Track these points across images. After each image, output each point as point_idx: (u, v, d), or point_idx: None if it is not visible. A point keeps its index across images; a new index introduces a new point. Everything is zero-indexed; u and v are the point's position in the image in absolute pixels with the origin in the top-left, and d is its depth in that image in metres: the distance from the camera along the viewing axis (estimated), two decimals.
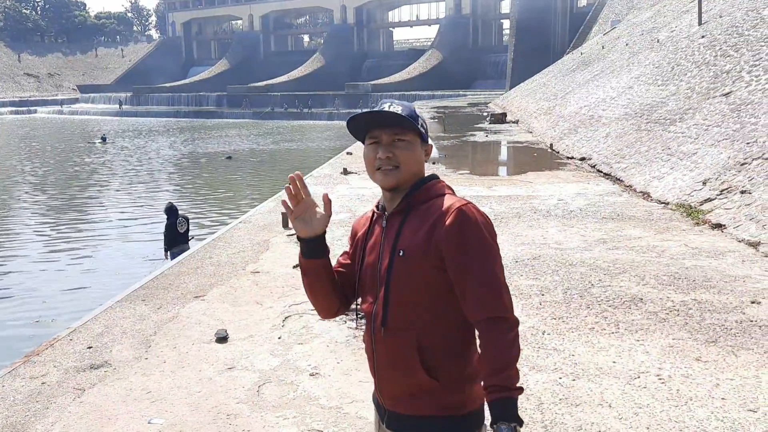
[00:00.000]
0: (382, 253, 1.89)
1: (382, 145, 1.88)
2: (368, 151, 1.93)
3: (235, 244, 8.32)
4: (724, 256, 6.93)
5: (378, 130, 1.90)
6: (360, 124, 1.93)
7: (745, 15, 15.42)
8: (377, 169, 1.89)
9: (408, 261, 1.82)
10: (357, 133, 1.98)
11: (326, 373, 4.50)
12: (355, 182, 13.03)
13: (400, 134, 1.88)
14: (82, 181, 22.70)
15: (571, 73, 28.05)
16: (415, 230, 1.84)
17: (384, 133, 1.88)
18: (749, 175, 8.81)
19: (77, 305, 9.19)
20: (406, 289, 1.83)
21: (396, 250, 1.84)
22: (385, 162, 1.87)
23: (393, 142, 1.88)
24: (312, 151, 31.08)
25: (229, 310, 5.85)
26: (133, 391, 4.33)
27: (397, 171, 1.87)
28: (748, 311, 5.29)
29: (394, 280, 1.84)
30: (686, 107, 12.99)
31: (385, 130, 1.88)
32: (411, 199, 1.89)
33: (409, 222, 1.87)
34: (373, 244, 1.95)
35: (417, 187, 1.91)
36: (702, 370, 4.29)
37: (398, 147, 1.87)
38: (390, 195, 1.93)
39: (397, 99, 2.08)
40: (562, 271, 6.63)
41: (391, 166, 1.87)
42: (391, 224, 1.91)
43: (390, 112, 1.86)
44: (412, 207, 1.88)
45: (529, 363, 4.49)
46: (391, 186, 1.89)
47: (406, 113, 1.87)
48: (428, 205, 1.87)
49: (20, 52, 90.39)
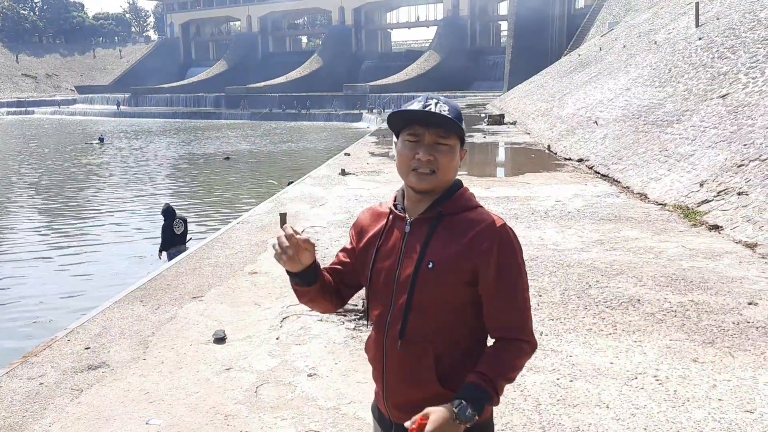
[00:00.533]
0: (403, 260, 1.79)
1: (424, 146, 1.76)
2: (406, 149, 1.79)
3: (233, 245, 8.32)
4: (721, 258, 6.95)
5: (422, 127, 1.76)
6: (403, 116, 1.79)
7: (742, 17, 15.46)
8: (413, 169, 1.77)
9: (437, 274, 1.74)
10: (394, 124, 1.84)
11: (324, 374, 4.51)
12: (353, 183, 13.04)
13: (444, 137, 1.76)
14: (80, 182, 22.67)
15: (568, 75, 28.09)
16: (447, 243, 1.76)
17: (428, 133, 1.76)
18: (746, 177, 8.84)
19: (75, 306, 9.18)
20: (432, 301, 1.76)
21: (423, 260, 1.76)
22: (424, 164, 1.75)
23: (435, 144, 1.76)
24: (310, 151, 31.08)
25: (227, 311, 5.85)
26: (131, 391, 4.33)
27: (433, 176, 1.76)
28: (745, 312, 5.31)
29: (419, 292, 1.76)
30: (683, 109, 13.01)
31: (430, 130, 1.76)
32: (442, 208, 1.80)
33: (440, 233, 1.78)
34: (390, 248, 1.84)
35: (448, 195, 1.81)
36: (699, 371, 4.30)
37: (440, 151, 1.76)
38: (417, 197, 1.82)
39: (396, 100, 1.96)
40: (559, 272, 6.64)
41: (428, 170, 1.76)
42: (416, 231, 1.80)
43: (442, 116, 1.73)
44: (443, 216, 1.79)
45: (526, 364, 4.49)
46: (425, 189, 1.79)
47: (453, 115, 1.75)
48: (461, 217, 1.78)
49: (18, 53, 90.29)
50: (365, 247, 1.91)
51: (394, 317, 1.80)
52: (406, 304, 1.78)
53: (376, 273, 1.85)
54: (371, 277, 1.87)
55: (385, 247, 1.85)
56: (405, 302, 1.78)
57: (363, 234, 1.94)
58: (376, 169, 15.30)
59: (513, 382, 1.79)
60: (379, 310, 1.85)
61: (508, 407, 3.91)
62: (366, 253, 1.90)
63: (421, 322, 1.77)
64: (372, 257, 1.87)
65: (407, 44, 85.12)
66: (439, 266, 1.74)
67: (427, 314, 1.77)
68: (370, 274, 1.87)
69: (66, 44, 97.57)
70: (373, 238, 1.89)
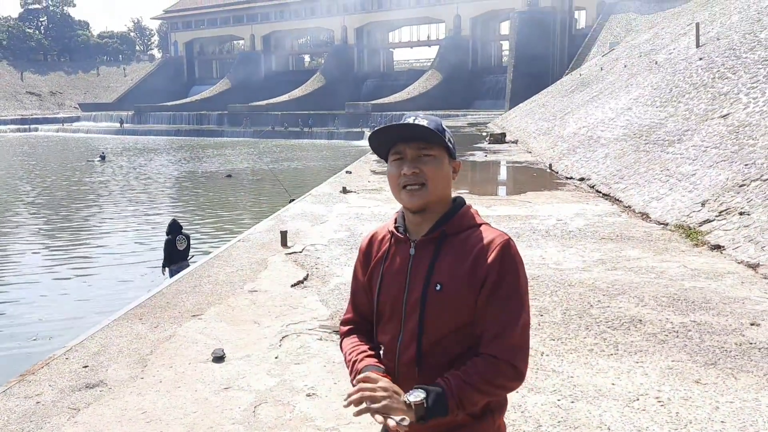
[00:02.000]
0: (410, 283, 1.76)
1: (407, 161, 1.76)
2: (392, 168, 1.80)
3: (234, 263, 8.30)
4: (723, 278, 6.92)
5: (402, 144, 1.77)
6: (383, 139, 1.80)
7: (742, 38, 15.54)
8: (402, 187, 1.76)
9: (446, 295, 1.70)
10: (379, 150, 1.85)
11: (323, 394, 4.47)
12: (354, 201, 13.05)
13: (426, 149, 1.76)
14: (80, 200, 22.70)
15: (570, 94, 28.20)
16: (453, 264, 1.72)
17: (408, 148, 1.76)
18: (748, 197, 8.82)
19: (75, 323, 9.15)
20: (442, 324, 1.72)
21: (430, 282, 1.72)
22: (410, 178, 1.74)
23: (419, 157, 1.75)
24: (312, 169, 31.15)
25: (226, 329, 5.82)
26: (128, 410, 4.29)
27: (423, 190, 1.74)
28: (748, 333, 5.27)
29: (429, 315, 1.72)
30: (685, 128, 13.04)
31: (410, 145, 1.76)
32: (446, 227, 1.76)
33: (445, 253, 1.74)
34: (396, 272, 1.80)
35: (451, 214, 1.79)
36: (701, 392, 4.26)
37: (424, 162, 1.75)
38: (418, 219, 1.79)
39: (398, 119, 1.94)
40: (560, 291, 6.61)
41: (417, 184, 1.74)
42: (421, 253, 1.77)
43: (415, 125, 1.73)
44: (447, 236, 1.76)
45: (527, 385, 4.46)
46: (418, 207, 1.76)
47: (433, 126, 1.75)
48: (465, 236, 1.75)
49: (23, 71, 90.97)
50: (371, 273, 1.88)
51: (404, 343, 1.76)
52: (418, 328, 1.74)
53: (382, 298, 1.82)
54: (378, 302, 1.83)
55: (391, 271, 1.82)
56: (417, 327, 1.74)
57: (368, 261, 1.91)
58: (377, 187, 15.31)
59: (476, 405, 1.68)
60: (389, 335, 1.82)
61: (509, 428, 3.86)
62: (372, 279, 1.87)
63: (434, 346, 1.73)
64: (378, 282, 1.84)
65: (409, 63, 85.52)
66: (447, 287, 1.71)
67: (439, 338, 1.73)
68: (377, 299, 1.84)
69: (70, 62, 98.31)
70: (378, 262, 1.86)
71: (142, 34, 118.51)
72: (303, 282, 7.30)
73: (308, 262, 8.16)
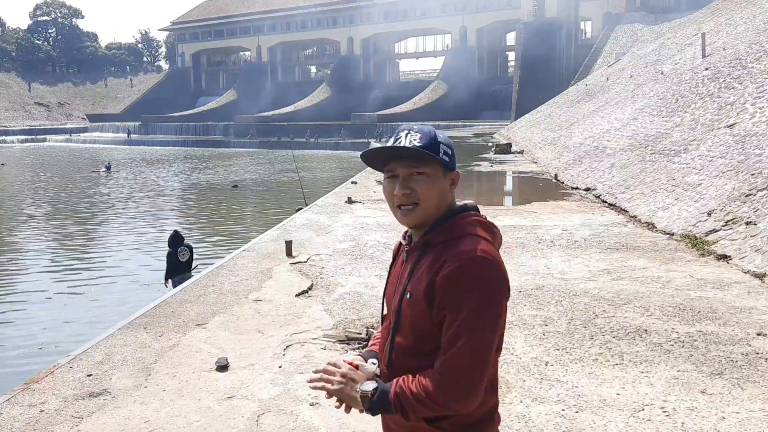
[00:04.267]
0: (397, 289, 1.80)
1: (400, 180, 1.73)
2: (386, 185, 1.78)
3: (238, 272, 8.31)
4: (729, 288, 6.88)
5: (394, 162, 1.75)
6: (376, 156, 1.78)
7: (748, 48, 15.53)
8: (397, 206, 1.75)
9: (413, 305, 1.70)
10: (375, 164, 1.82)
11: (326, 403, 4.45)
12: (360, 211, 13.05)
13: (418, 167, 1.72)
14: (86, 209, 22.80)
15: (575, 104, 28.21)
16: (424, 273, 1.70)
17: (400, 167, 1.73)
18: (754, 207, 8.79)
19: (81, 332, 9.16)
20: (410, 333, 1.72)
21: (405, 290, 1.74)
22: (403, 199, 1.72)
23: (411, 175, 1.72)
24: (317, 180, 31.20)
25: (230, 339, 5.82)
26: (132, 419, 4.29)
27: (417, 209, 1.72)
28: (754, 343, 5.23)
29: (402, 323, 1.74)
30: (691, 138, 13.01)
31: (401, 163, 1.73)
32: (430, 236, 1.74)
33: (423, 262, 1.72)
34: (393, 278, 1.88)
35: (439, 223, 1.75)
36: (707, 402, 4.23)
37: (417, 181, 1.71)
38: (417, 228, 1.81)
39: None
40: (565, 301, 6.59)
41: (410, 203, 1.72)
42: (408, 260, 1.79)
43: (405, 148, 1.70)
44: (430, 245, 1.73)
45: (531, 394, 4.44)
46: (412, 225, 1.77)
47: (425, 142, 1.70)
48: (444, 245, 1.70)
49: (31, 82, 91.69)
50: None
51: (387, 346, 1.82)
52: (391, 335, 1.79)
53: (385, 301, 1.92)
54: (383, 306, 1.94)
55: (391, 277, 1.90)
56: (391, 332, 1.80)
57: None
58: (382, 197, 15.26)
59: (419, 413, 1.66)
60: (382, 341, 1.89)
61: None
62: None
63: (403, 355, 1.75)
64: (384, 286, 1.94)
65: (415, 74, 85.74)
66: (414, 297, 1.71)
67: (407, 348, 1.74)
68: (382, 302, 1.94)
69: (78, 73, 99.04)
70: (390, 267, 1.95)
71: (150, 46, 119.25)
72: (307, 291, 7.30)
73: (313, 272, 8.16)
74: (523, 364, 4.95)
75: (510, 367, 4.85)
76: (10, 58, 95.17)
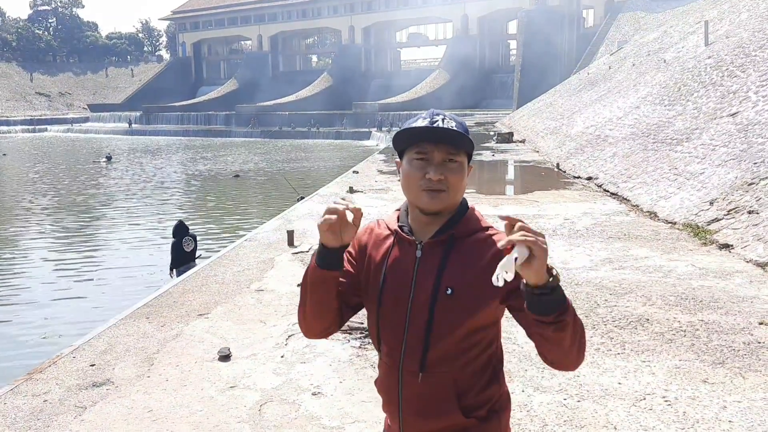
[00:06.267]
0: (417, 286, 1.70)
1: (434, 165, 1.67)
2: (414, 168, 1.70)
3: (240, 262, 8.32)
4: (731, 277, 6.88)
5: (431, 145, 1.68)
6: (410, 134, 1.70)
7: (751, 35, 15.45)
8: (423, 189, 1.68)
9: (458, 300, 1.65)
10: (399, 142, 1.75)
11: (328, 393, 4.47)
12: (361, 201, 13.04)
13: (453, 154, 1.69)
14: (87, 200, 22.81)
15: (577, 93, 28.11)
16: (464, 268, 1.67)
17: (437, 150, 1.68)
18: (756, 195, 8.77)
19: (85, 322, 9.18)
20: (452, 328, 1.67)
21: (440, 286, 1.67)
22: (435, 184, 1.67)
23: (444, 162, 1.68)
24: (319, 169, 31.17)
25: (232, 328, 5.83)
26: (135, 409, 4.30)
27: (445, 195, 1.68)
28: (756, 332, 5.23)
29: (439, 320, 1.67)
30: (693, 127, 12.97)
31: (439, 147, 1.67)
32: (454, 230, 1.71)
33: (455, 257, 1.69)
34: (401, 274, 1.74)
35: (458, 217, 1.73)
36: (709, 392, 4.24)
37: (450, 169, 1.68)
38: (427, 219, 1.73)
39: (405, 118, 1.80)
40: (567, 290, 6.53)
41: (438, 189, 1.68)
42: (429, 255, 1.71)
43: (453, 130, 1.65)
44: (456, 238, 1.70)
45: (533, 384, 4.44)
46: (437, 210, 1.70)
47: (463, 130, 1.68)
48: (474, 239, 1.70)
49: (32, 72, 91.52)
50: (369, 271, 1.80)
51: (410, 347, 1.71)
52: (425, 332, 1.69)
53: (385, 300, 1.75)
54: (381, 305, 1.76)
55: (395, 273, 1.75)
56: (423, 331, 1.69)
57: (364, 255, 1.83)
58: (384, 186, 15.30)
59: (573, 324, 1.57)
60: (392, 339, 1.76)
61: (514, 427, 3.85)
62: (371, 278, 1.79)
63: (441, 351, 1.69)
64: (380, 283, 1.76)
65: (416, 63, 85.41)
66: (458, 292, 1.66)
67: (447, 342, 1.68)
68: (379, 301, 1.77)
69: (79, 63, 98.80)
70: (380, 262, 1.78)
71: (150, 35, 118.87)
72: None
73: None
74: (525, 353, 4.96)
75: (512, 357, 4.86)
76: (10, 48, 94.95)
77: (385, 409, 1.86)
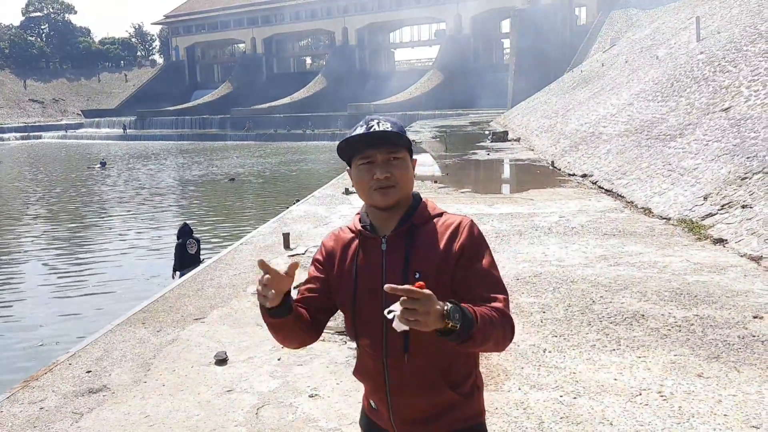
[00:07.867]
0: (387, 276, 1.81)
1: (378, 165, 1.83)
2: (362, 173, 1.85)
3: (237, 266, 8.32)
4: (726, 271, 6.90)
5: (371, 149, 1.83)
6: (352, 143, 1.85)
7: (743, 31, 15.50)
8: (374, 189, 1.83)
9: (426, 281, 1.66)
10: (343, 153, 1.90)
11: (326, 395, 4.48)
12: (357, 202, 13.04)
13: (394, 152, 1.84)
14: (82, 206, 22.77)
15: (571, 91, 28.16)
16: (427, 251, 1.81)
17: (378, 153, 1.83)
18: (750, 190, 8.80)
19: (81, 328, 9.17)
20: None
21: (409, 272, 1.79)
22: (383, 182, 1.82)
23: (388, 161, 1.83)
24: (314, 171, 31.16)
25: (229, 332, 5.83)
26: (131, 415, 4.30)
27: (394, 190, 1.83)
28: (751, 326, 5.25)
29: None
30: (686, 123, 13.01)
31: (380, 150, 1.83)
32: (413, 220, 1.85)
33: (417, 243, 1.83)
34: (371, 269, 1.86)
35: (414, 208, 1.88)
36: (704, 386, 4.25)
37: (394, 166, 1.83)
38: (385, 215, 1.87)
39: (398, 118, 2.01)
40: (563, 288, 6.60)
41: (388, 186, 1.83)
42: (394, 247, 1.84)
43: (389, 132, 1.81)
44: (416, 226, 1.85)
45: (530, 381, 4.46)
46: (391, 204, 1.84)
47: (397, 129, 1.83)
48: (432, 224, 1.86)
49: (26, 79, 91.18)
50: (340, 273, 1.91)
51: (391, 335, 1.78)
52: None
53: (360, 296, 1.86)
54: (356, 301, 1.86)
55: (365, 269, 1.86)
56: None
57: (332, 260, 1.94)
58: None
59: (482, 341, 1.64)
60: (371, 332, 1.85)
61: (511, 425, 3.87)
62: (343, 278, 1.90)
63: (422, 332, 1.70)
64: (353, 281, 1.87)
65: (410, 63, 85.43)
66: (425, 274, 1.76)
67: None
68: (354, 298, 1.87)
69: (72, 69, 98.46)
70: (349, 263, 1.90)
71: (143, 40, 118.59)
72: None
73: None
74: (521, 351, 4.97)
75: (508, 355, 4.87)
76: (3, 55, 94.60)
77: (371, 395, 1.95)
